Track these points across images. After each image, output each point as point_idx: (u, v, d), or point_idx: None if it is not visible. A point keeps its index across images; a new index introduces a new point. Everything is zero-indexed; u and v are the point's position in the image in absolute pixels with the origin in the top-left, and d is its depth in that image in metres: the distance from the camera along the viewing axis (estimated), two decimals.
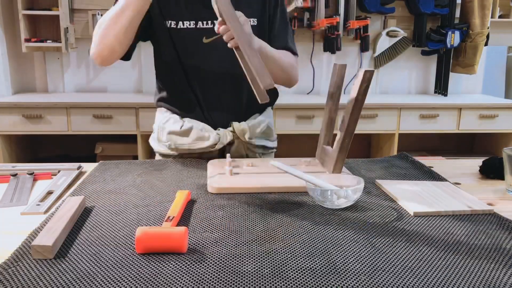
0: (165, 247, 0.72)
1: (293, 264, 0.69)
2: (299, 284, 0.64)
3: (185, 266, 0.68)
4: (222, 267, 0.68)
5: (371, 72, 0.99)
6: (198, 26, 1.25)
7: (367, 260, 0.71)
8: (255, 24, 1.29)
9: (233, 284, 0.64)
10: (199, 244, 0.76)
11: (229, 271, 0.67)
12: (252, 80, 1.03)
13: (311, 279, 0.65)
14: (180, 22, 1.24)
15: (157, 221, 0.86)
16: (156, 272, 0.67)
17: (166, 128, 1.33)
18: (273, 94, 1.38)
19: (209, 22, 1.25)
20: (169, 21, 1.25)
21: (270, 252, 0.73)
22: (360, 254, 0.73)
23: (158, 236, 0.72)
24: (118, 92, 3.29)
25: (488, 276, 0.67)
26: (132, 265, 0.69)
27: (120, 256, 0.71)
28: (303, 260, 0.71)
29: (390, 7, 3.22)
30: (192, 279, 0.65)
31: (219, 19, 1.05)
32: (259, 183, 1.05)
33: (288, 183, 1.05)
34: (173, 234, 0.72)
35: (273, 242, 0.77)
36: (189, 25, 1.25)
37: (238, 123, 1.32)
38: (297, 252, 0.74)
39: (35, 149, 3.28)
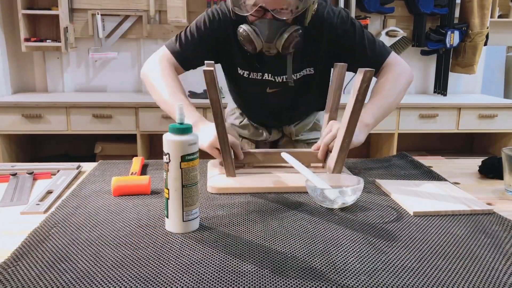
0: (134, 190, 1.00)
1: (293, 264, 0.69)
2: (299, 284, 0.64)
3: (185, 266, 0.68)
4: (222, 267, 0.68)
5: (371, 72, 0.99)
6: (264, 78, 1.36)
7: (367, 260, 0.71)
8: (312, 72, 1.35)
9: (233, 284, 0.64)
10: (199, 244, 0.76)
11: (229, 271, 0.67)
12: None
13: (311, 279, 0.65)
14: (252, 73, 1.36)
15: (157, 221, 0.86)
16: (156, 272, 0.67)
17: (229, 120, 1.60)
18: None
19: (272, 76, 1.35)
20: (242, 70, 1.36)
21: (270, 252, 0.73)
22: (360, 254, 0.73)
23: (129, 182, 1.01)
24: (118, 91, 3.29)
25: (488, 276, 0.67)
26: (132, 265, 0.69)
27: (120, 256, 0.71)
28: (303, 260, 0.71)
29: (390, 7, 3.22)
30: (192, 279, 0.65)
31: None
32: (259, 183, 1.05)
33: (288, 183, 1.05)
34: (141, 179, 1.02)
35: (273, 242, 0.77)
36: (257, 76, 1.36)
37: (288, 126, 1.53)
38: (297, 252, 0.74)
39: (35, 148, 3.27)
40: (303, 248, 0.75)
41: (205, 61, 1.08)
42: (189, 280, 0.64)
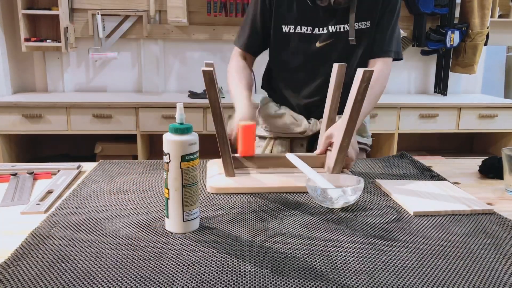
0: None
1: (293, 264, 0.69)
2: (299, 284, 0.64)
3: (185, 266, 0.68)
4: (222, 267, 0.68)
5: (370, 72, 0.99)
6: (314, 32, 1.34)
7: (367, 260, 0.71)
8: (368, 26, 1.33)
9: (233, 284, 0.64)
10: (199, 244, 0.76)
11: (229, 271, 0.67)
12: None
13: (311, 279, 0.65)
14: (298, 27, 1.34)
15: (157, 221, 0.86)
16: (156, 272, 0.67)
17: (263, 111, 1.49)
18: None
19: (324, 28, 1.33)
20: (287, 27, 1.35)
21: (270, 252, 0.73)
22: (360, 254, 0.73)
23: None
24: (118, 91, 3.29)
25: (488, 276, 0.67)
26: (132, 265, 0.69)
27: (120, 256, 0.71)
28: (303, 260, 0.71)
29: None
30: (192, 279, 0.65)
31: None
32: (258, 183, 1.05)
33: (287, 184, 1.05)
34: None
35: (273, 242, 0.77)
36: (306, 30, 1.34)
37: None
38: (297, 252, 0.74)
39: (35, 148, 3.27)
40: (303, 248, 0.75)
41: (204, 61, 1.09)
42: (189, 280, 0.64)
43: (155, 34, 3.17)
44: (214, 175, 1.10)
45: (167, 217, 0.81)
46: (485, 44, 3.26)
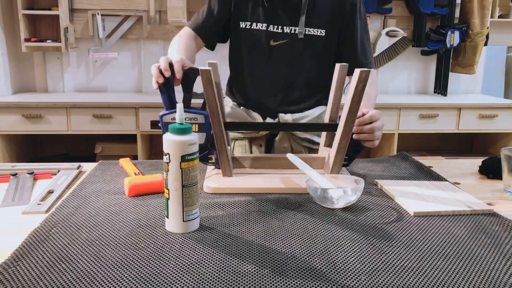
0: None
1: (293, 264, 0.69)
2: (299, 284, 0.64)
3: (185, 266, 0.68)
4: (222, 267, 0.68)
5: (367, 72, 0.99)
6: (269, 29, 1.34)
7: (367, 260, 0.71)
8: (323, 35, 1.34)
9: (233, 284, 0.64)
10: (199, 244, 0.76)
11: (229, 271, 0.67)
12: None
13: (311, 279, 0.65)
14: (256, 24, 1.34)
15: (157, 221, 0.86)
16: (156, 272, 0.67)
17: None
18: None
19: (279, 27, 1.33)
20: (244, 23, 1.35)
21: (270, 252, 0.73)
22: (360, 254, 0.73)
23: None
24: (118, 92, 3.29)
25: (488, 276, 0.67)
26: (132, 265, 0.69)
27: (120, 256, 0.71)
28: (303, 260, 0.71)
29: (388, 8, 3.23)
30: (192, 279, 0.65)
31: None
32: (255, 184, 1.04)
33: (285, 185, 1.04)
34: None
35: (273, 242, 0.77)
36: (261, 27, 1.34)
37: (284, 114, 1.40)
38: (297, 252, 0.74)
39: (35, 149, 3.27)
40: (303, 248, 0.75)
41: (208, 61, 1.08)
42: (189, 280, 0.64)
43: (155, 35, 3.17)
44: (212, 174, 1.10)
45: (167, 217, 0.81)
46: (485, 44, 3.26)
